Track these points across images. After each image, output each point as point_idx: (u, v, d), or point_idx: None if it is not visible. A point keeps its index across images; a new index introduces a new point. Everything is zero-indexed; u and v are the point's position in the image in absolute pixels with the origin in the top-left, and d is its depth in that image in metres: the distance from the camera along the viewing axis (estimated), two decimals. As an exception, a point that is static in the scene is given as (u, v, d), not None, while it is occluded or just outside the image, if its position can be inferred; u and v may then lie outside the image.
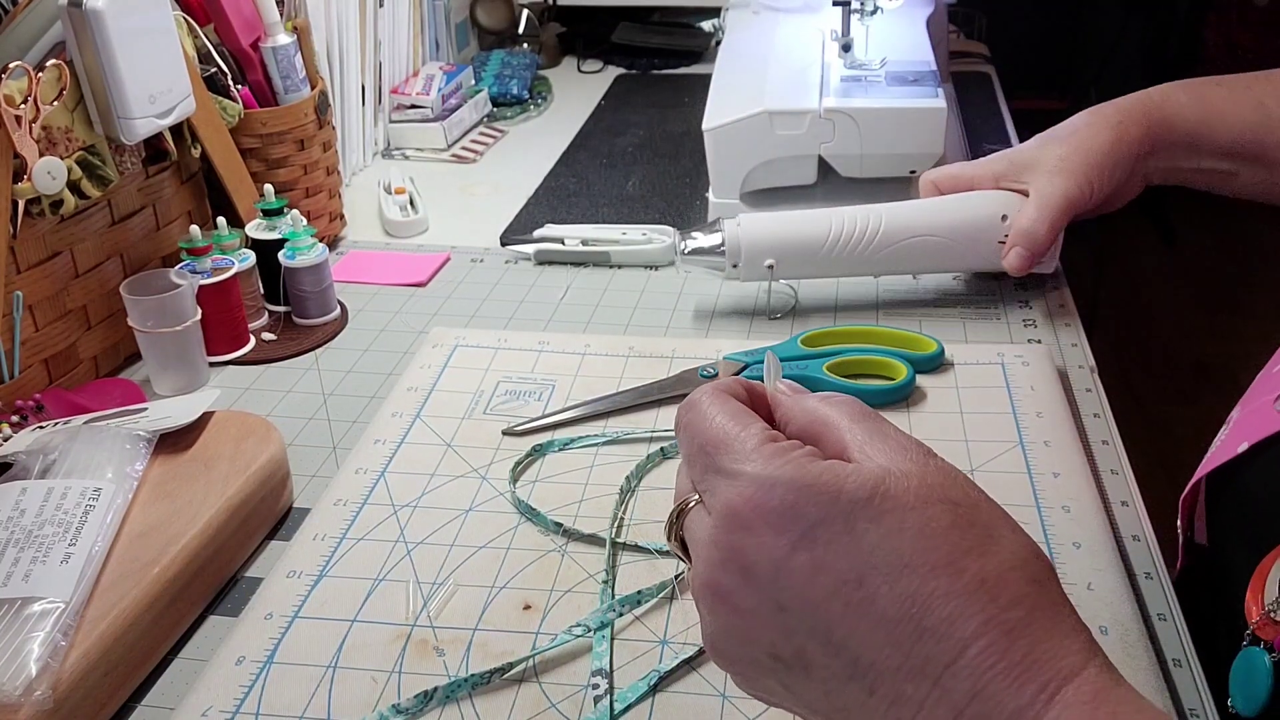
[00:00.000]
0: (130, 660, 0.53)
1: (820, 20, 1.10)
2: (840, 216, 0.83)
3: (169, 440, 0.65)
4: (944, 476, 0.37)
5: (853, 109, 0.91)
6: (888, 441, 0.38)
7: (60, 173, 0.72)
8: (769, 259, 0.82)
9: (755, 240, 0.82)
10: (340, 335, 0.87)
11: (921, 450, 0.38)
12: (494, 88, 1.39)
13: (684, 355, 0.78)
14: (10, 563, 0.53)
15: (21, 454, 0.62)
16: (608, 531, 0.61)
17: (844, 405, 0.40)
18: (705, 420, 0.39)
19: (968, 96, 1.32)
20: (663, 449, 0.68)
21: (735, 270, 0.83)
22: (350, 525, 0.63)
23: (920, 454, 0.38)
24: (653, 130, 1.27)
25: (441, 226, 1.06)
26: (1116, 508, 0.63)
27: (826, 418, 0.39)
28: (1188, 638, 0.54)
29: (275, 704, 0.52)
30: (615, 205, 1.08)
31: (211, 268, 0.81)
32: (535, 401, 0.74)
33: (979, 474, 0.65)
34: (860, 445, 0.38)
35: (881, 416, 0.40)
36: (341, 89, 1.15)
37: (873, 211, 0.82)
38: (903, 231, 0.82)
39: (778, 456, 0.37)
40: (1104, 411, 0.72)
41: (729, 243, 0.82)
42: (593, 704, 0.51)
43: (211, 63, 0.90)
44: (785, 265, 0.83)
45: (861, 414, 0.39)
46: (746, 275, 0.83)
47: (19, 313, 0.72)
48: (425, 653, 0.54)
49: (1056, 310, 0.85)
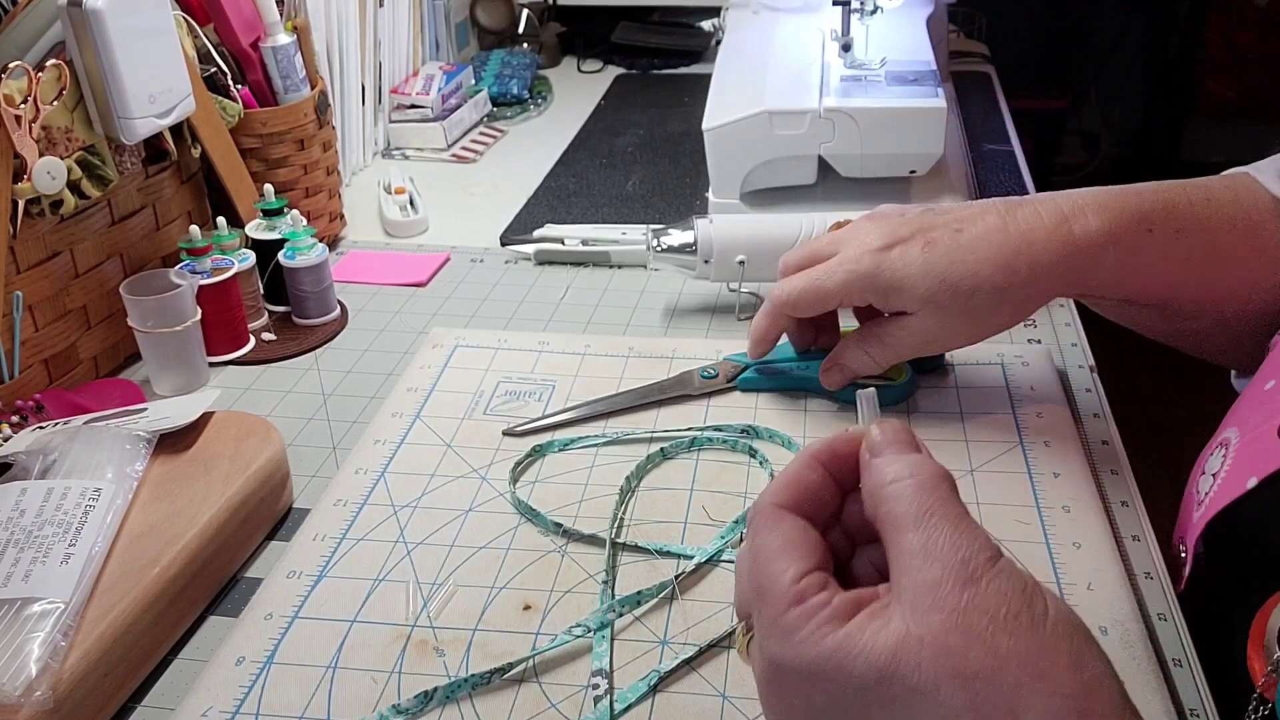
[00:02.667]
0: (130, 660, 0.53)
1: (820, 20, 1.10)
2: (811, 220, 0.83)
3: (169, 440, 0.65)
4: (970, 631, 0.34)
5: (853, 109, 0.91)
6: (936, 565, 0.35)
7: (60, 173, 0.72)
8: (740, 255, 0.83)
9: (727, 239, 0.83)
10: (340, 335, 0.87)
11: (965, 575, 0.35)
12: (494, 88, 1.39)
13: (684, 355, 0.78)
14: (10, 563, 0.53)
15: (21, 454, 0.62)
16: (608, 532, 0.61)
17: (915, 494, 0.37)
18: (752, 557, 0.39)
19: (968, 96, 1.32)
20: (663, 449, 0.68)
21: (707, 268, 0.83)
22: (350, 525, 0.63)
23: (962, 584, 0.35)
24: (653, 130, 1.27)
25: (441, 226, 1.06)
26: (1116, 508, 0.63)
27: (888, 515, 0.38)
28: (1188, 638, 0.54)
29: (275, 704, 0.51)
30: (615, 205, 1.08)
31: (211, 268, 0.81)
32: (535, 401, 0.74)
33: (979, 474, 0.65)
34: (903, 569, 0.36)
35: (950, 511, 0.37)
36: (341, 89, 1.15)
37: (842, 216, 0.83)
38: None
39: (796, 630, 0.36)
40: (1104, 411, 0.72)
41: (701, 241, 0.82)
42: (593, 704, 0.51)
43: (211, 63, 0.90)
44: (756, 265, 0.83)
45: (925, 512, 0.37)
46: (718, 275, 0.84)
47: (19, 313, 0.72)
48: (425, 653, 0.54)
49: (1056, 310, 0.85)
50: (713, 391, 0.74)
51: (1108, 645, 0.52)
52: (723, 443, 0.69)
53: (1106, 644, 0.52)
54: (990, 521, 0.60)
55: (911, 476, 0.38)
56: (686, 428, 0.70)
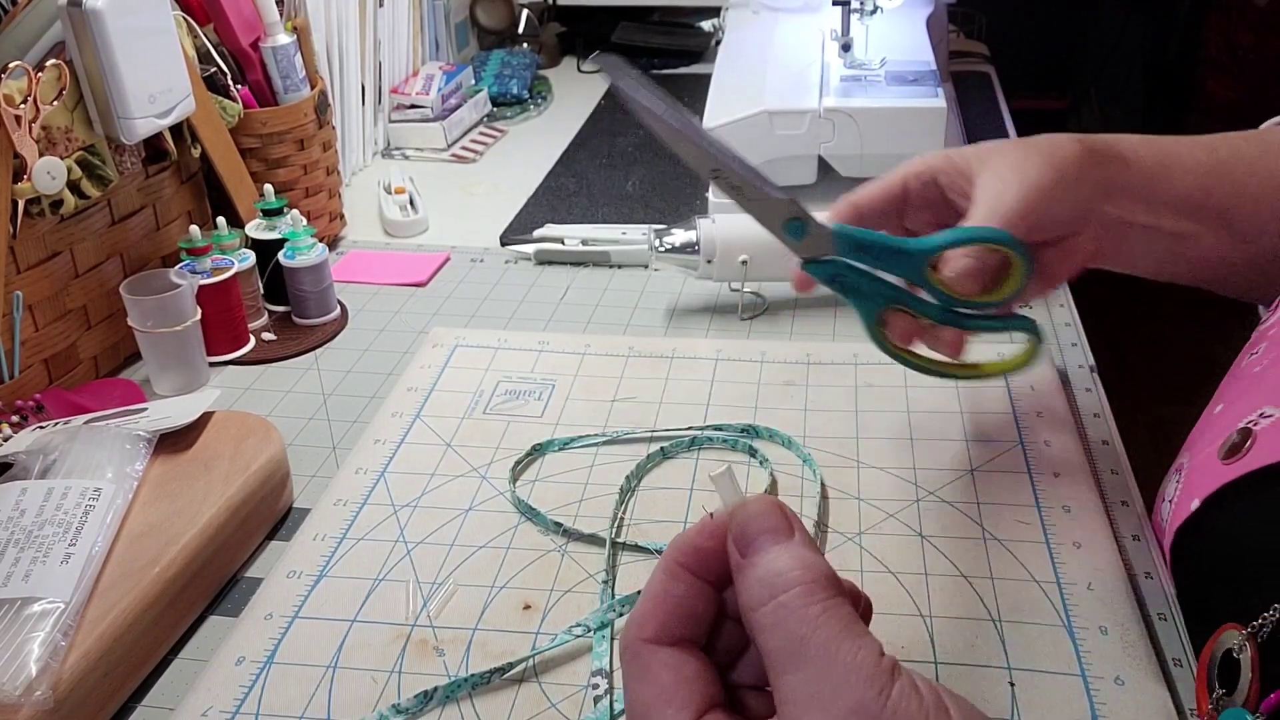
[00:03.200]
0: (130, 660, 0.53)
1: (820, 20, 1.10)
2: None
3: (169, 440, 0.65)
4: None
5: (853, 109, 0.91)
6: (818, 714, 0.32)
7: (60, 173, 0.72)
8: (743, 255, 0.83)
9: (730, 239, 0.83)
10: (340, 335, 0.87)
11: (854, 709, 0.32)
12: (494, 87, 1.39)
13: (684, 355, 0.78)
14: (10, 563, 0.53)
15: (21, 454, 0.62)
16: (607, 531, 0.61)
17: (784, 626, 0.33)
18: (631, 704, 0.36)
19: (968, 96, 1.32)
20: (663, 448, 0.68)
21: (709, 268, 0.83)
22: (350, 525, 0.63)
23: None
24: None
25: (441, 226, 1.06)
26: (1116, 508, 0.63)
27: (765, 648, 0.34)
28: (1187, 638, 0.54)
29: (275, 704, 0.51)
30: (615, 205, 1.08)
31: (211, 268, 0.81)
32: (535, 401, 0.74)
33: (979, 474, 0.65)
34: (786, 709, 0.33)
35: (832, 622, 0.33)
36: (341, 89, 1.15)
37: None
38: None
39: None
40: (1104, 411, 0.72)
41: (704, 241, 0.82)
42: (593, 704, 0.51)
43: (211, 63, 0.90)
44: (759, 265, 0.83)
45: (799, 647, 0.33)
46: (720, 274, 0.84)
47: (19, 313, 0.72)
48: (425, 653, 0.54)
49: (1056, 310, 0.85)
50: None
51: (1108, 645, 0.52)
52: (723, 442, 0.69)
53: (1106, 644, 0.52)
54: (990, 521, 0.61)
55: (784, 591, 0.34)
56: (686, 427, 0.70)
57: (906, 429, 0.69)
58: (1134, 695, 0.49)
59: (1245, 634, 0.44)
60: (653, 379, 0.75)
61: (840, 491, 0.64)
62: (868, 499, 0.63)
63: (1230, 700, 0.44)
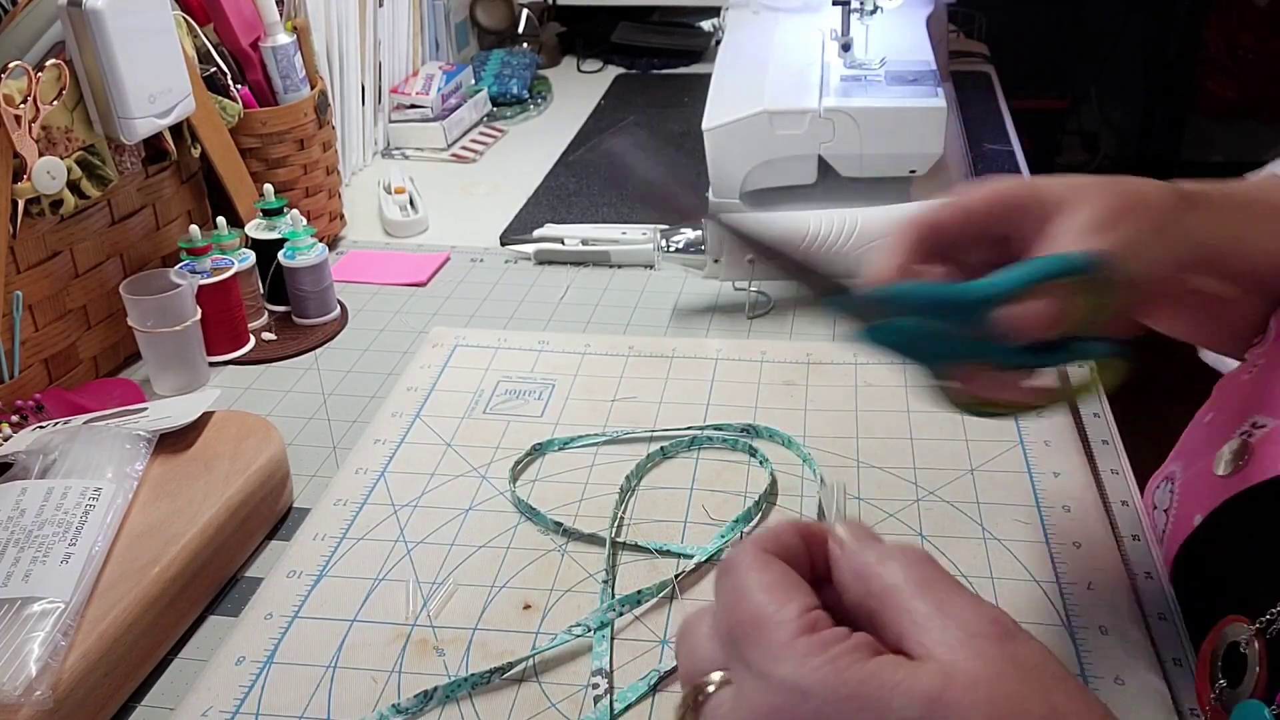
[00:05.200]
0: (130, 660, 0.53)
1: (820, 20, 1.10)
2: (819, 217, 0.83)
3: (169, 440, 0.65)
4: (1024, 680, 0.31)
5: (853, 109, 0.91)
6: (956, 623, 0.32)
7: (60, 173, 0.72)
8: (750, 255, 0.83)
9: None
10: (340, 335, 0.87)
11: (999, 631, 0.32)
12: (494, 87, 1.39)
13: (684, 355, 0.78)
14: (10, 563, 0.53)
15: (21, 454, 0.62)
16: (607, 531, 0.61)
17: (907, 568, 0.33)
18: (739, 594, 0.33)
19: (968, 96, 1.32)
20: (663, 448, 0.68)
21: (716, 267, 0.83)
22: (350, 525, 0.63)
23: (997, 638, 0.31)
24: (652, 130, 1.27)
25: (441, 226, 1.06)
26: (1116, 508, 0.63)
27: (884, 589, 0.33)
28: (1187, 638, 0.54)
29: (275, 704, 0.51)
30: (615, 205, 1.08)
31: (211, 268, 0.81)
32: (535, 401, 0.74)
33: (979, 474, 0.65)
34: (922, 629, 0.32)
35: (952, 581, 0.34)
36: (341, 89, 1.15)
37: (849, 214, 0.83)
38: (878, 234, 0.83)
39: (814, 655, 0.31)
40: (1104, 411, 0.72)
41: (711, 240, 0.83)
42: (593, 704, 0.51)
43: (211, 63, 0.90)
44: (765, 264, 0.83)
45: (926, 581, 0.33)
46: (727, 274, 0.84)
47: (19, 313, 0.72)
48: (425, 652, 0.54)
49: (1056, 310, 0.85)
50: None
51: (1108, 645, 0.52)
52: (722, 442, 0.69)
53: (1106, 644, 0.52)
54: (990, 521, 0.61)
55: (902, 555, 0.34)
56: (686, 427, 0.70)
57: (906, 429, 0.69)
58: (1134, 695, 0.49)
59: (1253, 628, 0.44)
60: (653, 379, 0.75)
61: (840, 491, 0.64)
62: (868, 499, 0.63)
63: (1236, 694, 0.44)
